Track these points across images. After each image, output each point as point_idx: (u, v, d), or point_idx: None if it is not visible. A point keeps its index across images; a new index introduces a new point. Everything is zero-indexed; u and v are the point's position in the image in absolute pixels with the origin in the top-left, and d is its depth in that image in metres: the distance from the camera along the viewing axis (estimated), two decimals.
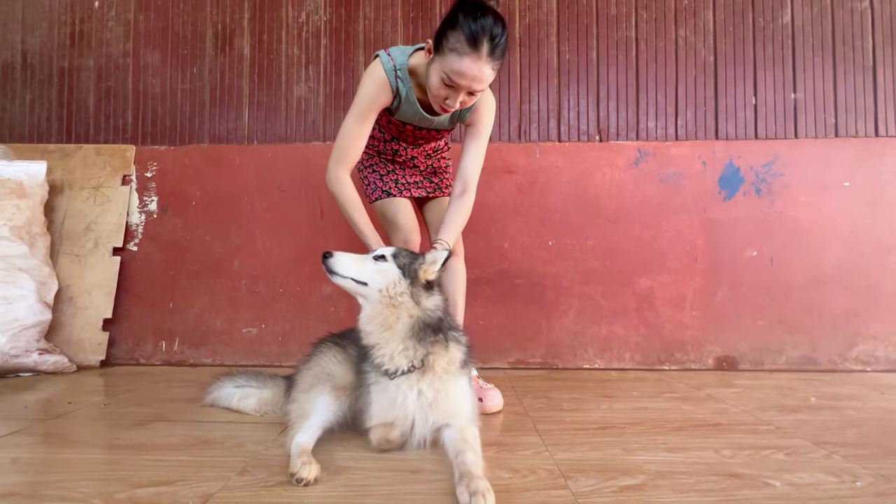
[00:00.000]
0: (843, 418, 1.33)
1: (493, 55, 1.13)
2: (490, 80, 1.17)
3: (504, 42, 1.14)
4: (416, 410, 1.02)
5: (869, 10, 2.08)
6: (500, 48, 1.14)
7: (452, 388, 1.03)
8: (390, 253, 1.10)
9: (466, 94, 1.19)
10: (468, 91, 1.18)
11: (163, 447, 1.09)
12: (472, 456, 0.91)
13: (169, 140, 2.17)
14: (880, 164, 2.03)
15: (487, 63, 1.13)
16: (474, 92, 1.18)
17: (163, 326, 2.09)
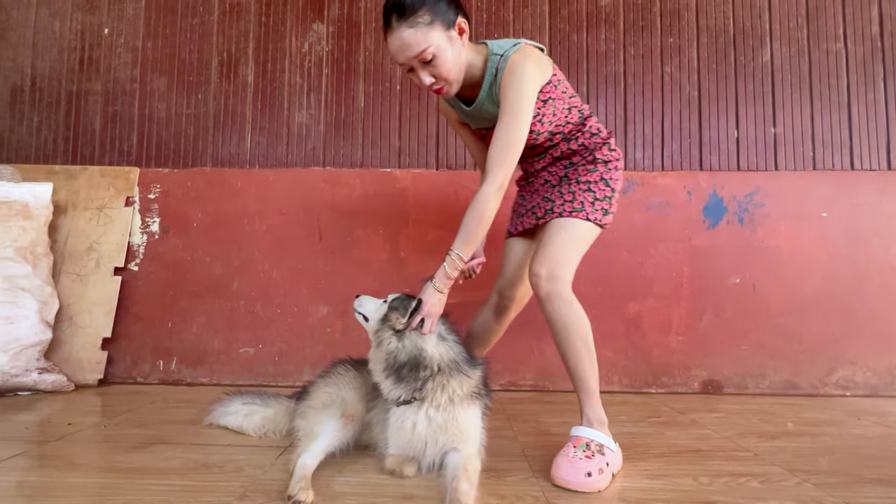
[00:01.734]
0: (819, 445, 1.39)
1: (401, 17, 1.05)
2: (419, 40, 1.05)
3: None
4: (427, 434, 1.07)
5: (843, 51, 2.20)
6: (408, 6, 1.04)
7: (461, 415, 1.08)
8: (392, 297, 1.19)
9: (421, 66, 1.10)
10: (417, 64, 1.09)
11: (163, 471, 1.13)
12: (465, 486, 0.96)
13: (172, 163, 2.23)
14: (855, 195, 2.13)
15: (400, 27, 1.05)
16: (422, 61, 1.08)
17: (161, 346, 2.12)
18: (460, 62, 1.14)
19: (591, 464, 1.06)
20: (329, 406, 1.23)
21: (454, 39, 1.11)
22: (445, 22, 1.08)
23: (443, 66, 1.10)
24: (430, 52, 1.07)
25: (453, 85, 1.16)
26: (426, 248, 2.14)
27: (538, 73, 1.15)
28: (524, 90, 1.10)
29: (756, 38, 2.21)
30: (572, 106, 1.27)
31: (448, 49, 1.09)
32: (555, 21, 2.24)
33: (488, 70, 1.17)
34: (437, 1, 1.07)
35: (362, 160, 2.21)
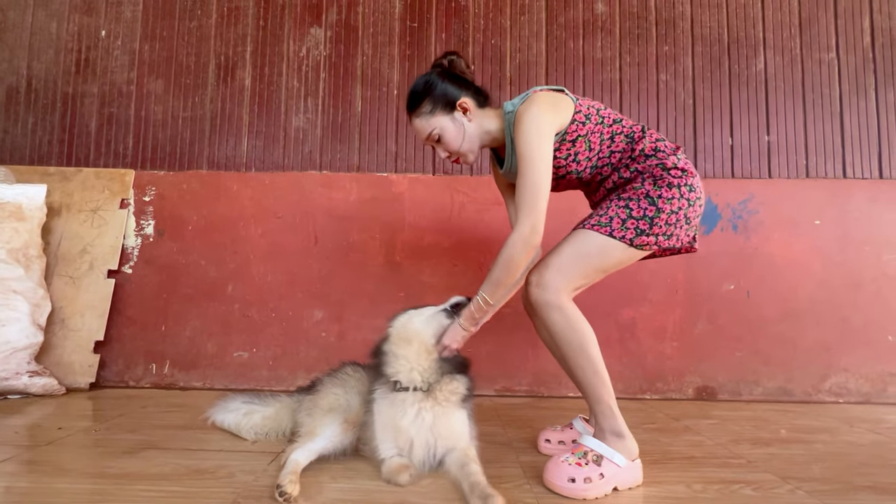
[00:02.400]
0: (811, 452, 1.39)
1: (411, 111, 1.26)
2: (425, 126, 1.24)
3: (417, 91, 1.24)
4: (415, 430, 1.12)
5: (836, 62, 2.22)
6: (412, 98, 1.25)
7: (451, 415, 1.15)
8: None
9: (435, 144, 1.28)
10: (432, 143, 1.28)
11: (155, 477, 1.12)
12: (476, 467, 1.05)
13: (168, 165, 2.22)
14: (848, 203, 2.15)
15: (412, 118, 1.27)
16: (433, 140, 1.27)
17: (154, 349, 2.11)
18: (468, 135, 1.26)
19: (579, 471, 1.07)
20: (335, 409, 1.25)
21: (457, 118, 1.25)
22: (446, 106, 1.24)
23: (450, 143, 1.25)
24: (436, 133, 1.25)
25: (468, 156, 1.29)
26: (422, 253, 2.14)
27: (548, 114, 1.16)
28: (532, 134, 1.14)
29: (750, 48, 2.24)
30: (615, 133, 1.24)
31: (452, 128, 1.24)
32: (552, 28, 2.26)
33: (507, 129, 1.25)
34: (435, 92, 1.23)
35: (359, 164, 2.21)
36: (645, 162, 1.21)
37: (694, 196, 1.19)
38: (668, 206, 1.17)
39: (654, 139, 1.23)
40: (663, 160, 1.19)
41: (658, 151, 1.21)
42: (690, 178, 1.19)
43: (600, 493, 1.06)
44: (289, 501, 0.97)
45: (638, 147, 1.22)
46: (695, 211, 1.21)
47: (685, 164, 1.21)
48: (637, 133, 1.24)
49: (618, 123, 1.25)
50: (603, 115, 1.24)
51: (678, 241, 1.22)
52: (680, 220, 1.19)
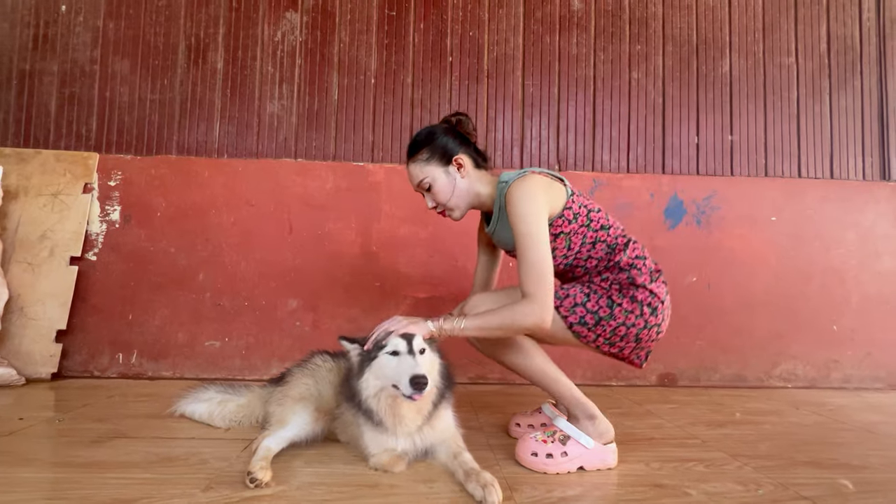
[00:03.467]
0: (760, 433, 1.50)
1: (409, 156, 1.29)
2: (418, 173, 1.27)
3: (418, 139, 1.28)
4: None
5: (795, 66, 2.34)
6: (412, 145, 1.28)
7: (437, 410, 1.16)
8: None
9: (425, 193, 1.30)
10: (422, 191, 1.30)
11: (124, 465, 1.11)
12: (467, 455, 1.08)
13: (135, 150, 2.15)
14: (802, 202, 2.28)
15: (409, 164, 1.30)
16: (423, 188, 1.29)
17: (120, 338, 2.05)
18: (458, 190, 1.28)
19: (542, 447, 1.14)
20: (305, 398, 1.25)
21: (451, 172, 1.27)
22: (442, 158, 1.26)
23: (438, 194, 1.28)
24: (427, 181, 1.27)
25: (454, 211, 1.31)
26: (398, 243, 2.15)
27: (541, 195, 1.16)
28: (528, 211, 1.13)
29: (717, 50, 2.33)
30: (598, 240, 1.22)
31: (443, 181, 1.27)
32: (529, 22, 2.28)
33: (498, 195, 1.26)
34: (435, 143, 1.27)
35: (335, 153, 2.19)
36: (618, 273, 1.21)
37: (654, 321, 1.19)
38: (623, 318, 1.18)
39: (635, 255, 1.23)
40: (636, 277, 1.20)
41: (633, 268, 1.21)
42: (658, 303, 1.19)
43: (562, 469, 1.12)
44: (260, 487, 0.98)
45: (615, 258, 1.22)
46: (649, 335, 1.20)
47: (657, 289, 1.20)
48: (620, 245, 1.23)
49: (604, 230, 1.23)
50: (592, 217, 1.23)
51: (620, 353, 1.23)
52: (629, 337, 1.19)
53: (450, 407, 1.20)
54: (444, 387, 1.15)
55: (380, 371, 1.08)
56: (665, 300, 1.22)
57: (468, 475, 1.00)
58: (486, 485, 0.95)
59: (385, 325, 1.13)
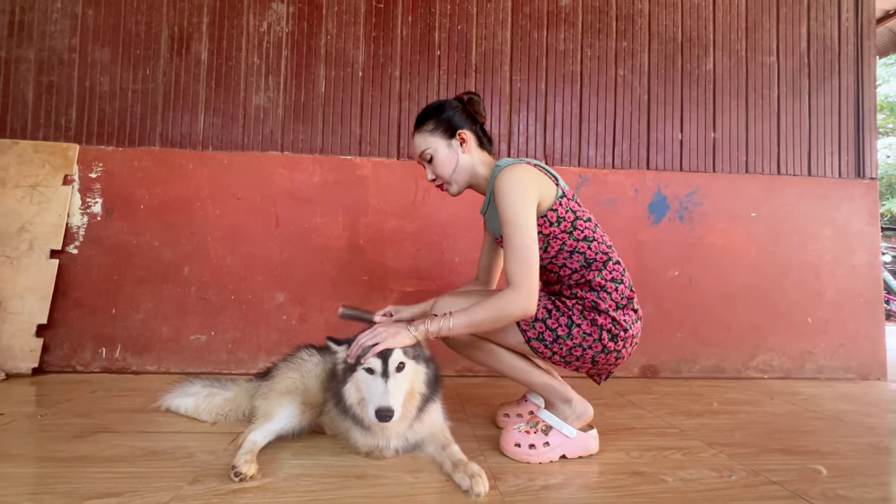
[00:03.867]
0: (736, 422, 1.55)
1: (416, 126, 1.30)
2: (420, 144, 1.28)
3: (427, 110, 1.29)
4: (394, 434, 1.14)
5: (776, 65, 2.39)
6: (421, 115, 1.30)
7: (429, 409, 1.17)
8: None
9: (426, 164, 1.31)
10: (423, 162, 1.31)
11: (109, 459, 1.11)
12: (456, 447, 1.10)
13: (117, 141, 2.11)
14: (780, 198, 2.34)
15: (414, 133, 1.30)
16: (424, 159, 1.30)
17: (103, 333, 2.03)
18: (459, 166, 1.29)
19: (525, 437, 1.17)
20: (292, 392, 1.26)
21: (454, 146, 1.28)
22: (447, 131, 1.28)
23: (439, 166, 1.28)
24: (429, 153, 1.28)
25: (452, 185, 1.32)
26: (385, 238, 2.15)
27: (532, 185, 1.15)
28: (515, 199, 1.12)
29: (701, 47, 2.36)
30: (576, 250, 1.20)
31: (445, 153, 1.28)
32: (517, 17, 2.29)
33: (490, 178, 1.26)
34: (443, 117, 1.28)
35: (322, 146, 2.18)
36: (587, 292, 1.19)
37: (612, 346, 1.16)
38: (580, 340, 1.16)
39: (610, 278, 1.20)
40: (599, 303, 1.17)
41: (602, 290, 1.18)
42: (619, 331, 1.16)
43: (545, 459, 1.15)
44: (244, 481, 0.99)
45: (589, 276, 1.20)
46: (606, 359, 1.19)
47: (622, 317, 1.17)
48: (598, 262, 1.20)
49: (586, 242, 1.21)
50: (578, 226, 1.21)
51: (577, 370, 1.24)
52: (584, 358, 1.19)
53: (438, 402, 1.21)
54: (429, 392, 1.14)
55: (359, 385, 1.08)
56: (630, 329, 1.18)
57: (456, 466, 1.02)
58: (473, 475, 0.97)
59: (365, 339, 1.09)
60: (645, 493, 1.01)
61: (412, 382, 1.09)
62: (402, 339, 1.08)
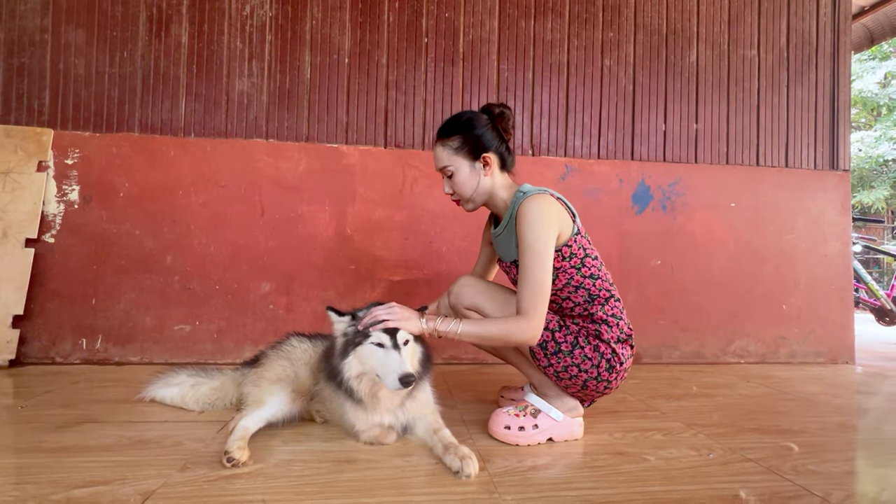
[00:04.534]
0: (713, 404, 1.61)
1: (441, 137, 1.26)
2: (443, 158, 1.25)
3: (456, 123, 1.25)
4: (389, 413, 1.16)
5: (756, 58, 2.44)
6: (448, 126, 1.26)
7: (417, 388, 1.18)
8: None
9: (445, 178, 1.28)
10: (443, 175, 1.28)
11: (95, 448, 1.10)
12: (446, 431, 1.12)
13: (94, 126, 2.04)
14: (759, 189, 2.41)
15: (437, 144, 1.27)
16: (445, 174, 1.27)
17: (83, 323, 1.98)
18: (480, 187, 1.27)
19: (514, 420, 1.20)
20: (282, 380, 1.26)
21: (477, 168, 1.26)
22: (472, 152, 1.25)
23: (459, 185, 1.27)
24: (450, 169, 1.26)
25: (469, 204, 1.31)
26: (373, 227, 2.15)
27: (555, 219, 1.17)
28: (541, 230, 1.14)
29: (685, 39, 2.40)
30: (581, 286, 1.22)
31: (467, 174, 1.26)
32: (504, 6, 2.28)
33: (512, 203, 1.25)
34: (471, 136, 1.24)
35: (308, 134, 2.15)
36: (588, 323, 1.22)
37: (605, 376, 1.19)
38: (580, 361, 1.18)
39: (611, 313, 1.22)
40: (603, 333, 1.19)
41: (604, 324, 1.20)
42: (616, 363, 1.19)
43: (533, 441, 1.18)
44: (237, 466, 0.99)
45: (592, 309, 1.22)
46: (596, 387, 1.21)
47: (621, 350, 1.21)
48: (601, 298, 1.23)
49: (591, 279, 1.22)
50: (587, 263, 1.22)
51: (565, 389, 1.24)
52: (577, 380, 1.20)
53: (428, 383, 1.24)
54: (423, 370, 1.18)
55: (363, 359, 1.10)
56: (625, 363, 1.22)
57: (447, 449, 1.04)
58: (463, 457, 1.00)
59: (379, 312, 1.12)
60: (628, 471, 1.05)
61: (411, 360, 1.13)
62: (412, 325, 1.12)
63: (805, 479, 1.02)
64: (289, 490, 0.92)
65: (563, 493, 0.93)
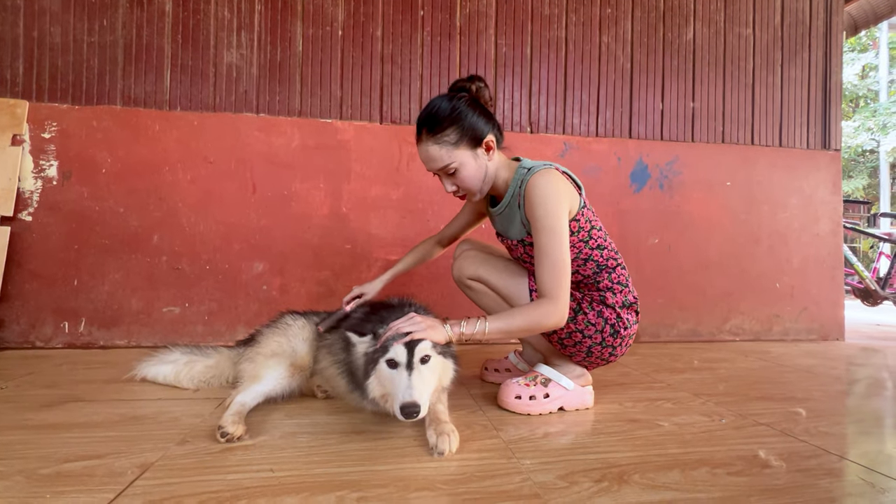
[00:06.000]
0: (717, 376, 1.61)
1: (430, 132, 1.11)
2: (443, 157, 1.11)
3: (441, 115, 1.10)
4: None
5: (752, 37, 2.44)
6: (434, 119, 1.10)
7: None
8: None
9: (445, 176, 1.16)
10: (442, 174, 1.16)
11: (85, 425, 1.03)
12: (441, 406, 1.05)
13: (73, 98, 1.93)
14: (754, 168, 2.42)
15: (427, 142, 1.12)
16: (446, 173, 1.14)
17: (65, 306, 1.89)
18: (484, 175, 1.17)
19: (525, 390, 1.17)
20: (279, 354, 1.21)
21: (480, 156, 1.15)
22: (472, 141, 1.12)
23: (467, 180, 1.15)
24: (454, 167, 1.13)
25: (476, 195, 1.19)
26: (370, 205, 2.09)
27: (565, 194, 1.12)
28: (554, 206, 1.08)
29: (682, 17, 2.38)
30: (590, 258, 1.20)
31: (472, 165, 1.14)
32: None
33: (514, 180, 1.18)
34: (466, 121, 1.11)
35: (300, 109, 2.08)
36: (594, 292, 1.21)
37: (610, 341, 1.18)
38: (583, 327, 1.17)
39: (617, 281, 1.21)
40: (608, 298, 1.19)
41: (608, 291, 1.20)
42: (621, 328, 1.18)
43: (544, 410, 1.16)
44: (231, 441, 0.94)
45: (598, 279, 1.21)
46: (601, 353, 1.19)
47: (626, 315, 1.19)
48: (609, 266, 1.21)
49: (599, 250, 1.20)
50: (593, 235, 1.20)
51: (570, 357, 1.23)
52: (580, 346, 1.19)
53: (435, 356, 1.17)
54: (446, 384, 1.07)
55: (380, 379, 0.99)
56: (630, 328, 1.20)
57: (431, 422, 0.98)
58: (441, 433, 0.92)
59: (399, 324, 1.01)
60: (643, 436, 1.03)
61: (440, 378, 1.01)
62: (437, 334, 1.01)
63: (819, 441, 1.02)
64: (297, 460, 0.87)
65: (581, 457, 0.91)
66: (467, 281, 1.30)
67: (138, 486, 0.76)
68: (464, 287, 1.33)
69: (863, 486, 0.82)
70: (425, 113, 1.12)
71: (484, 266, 1.26)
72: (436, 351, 1.00)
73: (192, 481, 0.78)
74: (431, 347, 0.99)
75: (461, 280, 1.32)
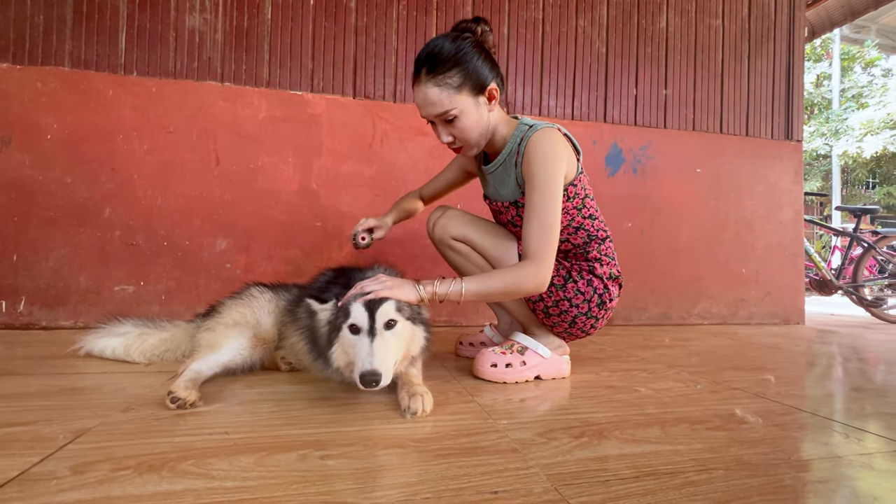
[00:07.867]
0: (689, 351, 1.63)
1: (431, 71, 1.01)
2: (444, 101, 1.02)
3: (441, 53, 1.01)
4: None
5: (721, 27, 2.50)
6: (436, 59, 1.01)
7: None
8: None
9: (441, 124, 1.07)
10: (438, 121, 1.07)
11: (14, 396, 0.92)
12: (414, 371, 1.00)
13: (14, 57, 1.77)
14: (722, 156, 2.48)
15: (426, 83, 1.02)
16: (444, 120, 1.06)
17: (3, 283, 1.73)
18: (485, 127, 1.09)
19: (501, 358, 1.14)
20: (241, 325, 1.13)
21: (481, 105, 1.07)
22: (476, 87, 1.04)
23: (464, 130, 1.06)
24: (454, 113, 1.04)
25: (473, 148, 1.12)
26: (341, 181, 2.01)
27: (565, 157, 1.07)
28: (552, 167, 1.03)
29: (655, 5, 2.41)
30: (581, 227, 1.17)
31: (473, 113, 1.05)
32: None
33: (513, 137, 1.12)
34: (470, 65, 1.02)
35: (269, 79, 1.98)
36: (582, 262, 1.19)
37: (595, 312, 1.16)
38: (571, 295, 1.15)
39: (604, 253, 1.20)
40: (596, 269, 1.17)
41: (597, 261, 1.18)
42: (607, 299, 1.17)
43: (521, 378, 1.12)
44: (182, 408, 0.85)
45: (588, 248, 1.19)
46: (584, 324, 1.17)
47: (612, 287, 1.19)
48: (598, 239, 1.19)
49: (591, 220, 1.18)
50: (587, 203, 1.17)
51: (552, 327, 1.20)
52: (566, 316, 1.16)
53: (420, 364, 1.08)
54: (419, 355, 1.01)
55: (343, 346, 0.91)
56: (613, 301, 1.19)
57: (403, 385, 0.93)
58: (413, 395, 0.87)
59: (365, 283, 0.95)
60: (623, 399, 1.01)
61: (408, 345, 0.94)
62: (405, 292, 0.94)
63: (791, 402, 1.03)
64: (256, 423, 0.80)
65: (560, 417, 0.88)
66: (451, 241, 1.22)
67: (69, 450, 0.67)
68: (446, 248, 1.24)
69: (839, 437, 0.82)
70: (426, 51, 1.02)
71: (471, 226, 1.21)
72: (403, 316, 0.92)
73: (133, 444, 0.70)
74: (397, 311, 0.91)
75: (443, 240, 1.23)
